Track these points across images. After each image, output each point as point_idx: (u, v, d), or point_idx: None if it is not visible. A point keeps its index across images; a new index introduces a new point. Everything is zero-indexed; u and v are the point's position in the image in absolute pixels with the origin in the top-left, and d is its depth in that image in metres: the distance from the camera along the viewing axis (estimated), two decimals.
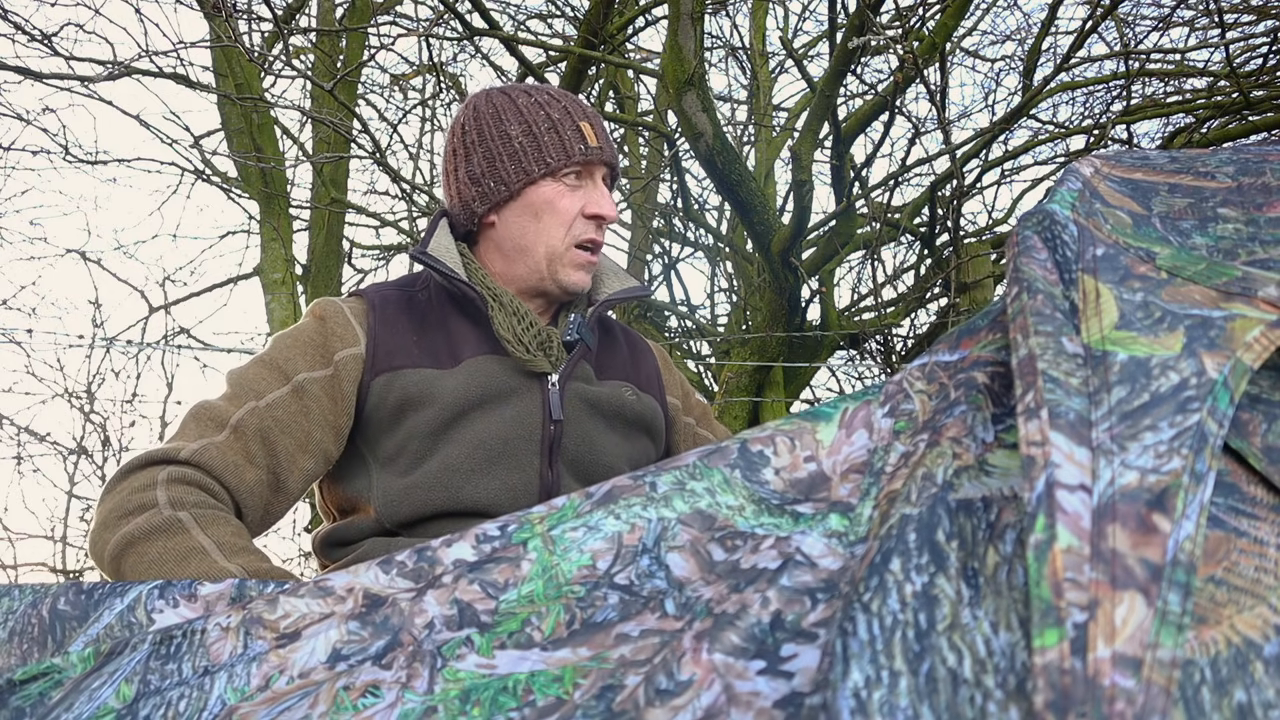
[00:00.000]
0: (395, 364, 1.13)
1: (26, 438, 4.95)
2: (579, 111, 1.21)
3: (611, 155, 1.21)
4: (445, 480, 1.08)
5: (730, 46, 5.46)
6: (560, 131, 1.18)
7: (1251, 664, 0.47)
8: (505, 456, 1.10)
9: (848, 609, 0.51)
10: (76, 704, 0.62)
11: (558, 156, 1.17)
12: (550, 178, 1.18)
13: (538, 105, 1.20)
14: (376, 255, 5.53)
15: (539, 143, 1.18)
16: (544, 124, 1.18)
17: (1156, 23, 4.05)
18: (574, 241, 1.19)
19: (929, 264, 4.41)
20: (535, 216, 1.19)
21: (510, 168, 1.18)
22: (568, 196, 1.18)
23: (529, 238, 1.19)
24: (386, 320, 1.17)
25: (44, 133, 6.13)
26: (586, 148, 1.18)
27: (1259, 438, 0.56)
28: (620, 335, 1.32)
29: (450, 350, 1.16)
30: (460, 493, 1.08)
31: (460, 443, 1.09)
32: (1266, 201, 0.70)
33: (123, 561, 0.96)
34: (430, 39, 3.89)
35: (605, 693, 0.56)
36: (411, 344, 1.16)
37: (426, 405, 1.11)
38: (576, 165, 1.18)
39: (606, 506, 0.68)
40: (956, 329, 0.69)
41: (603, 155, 1.19)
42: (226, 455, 1.04)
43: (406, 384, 1.12)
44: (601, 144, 1.20)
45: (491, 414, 1.11)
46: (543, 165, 1.17)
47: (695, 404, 1.37)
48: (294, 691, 0.61)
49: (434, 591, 0.65)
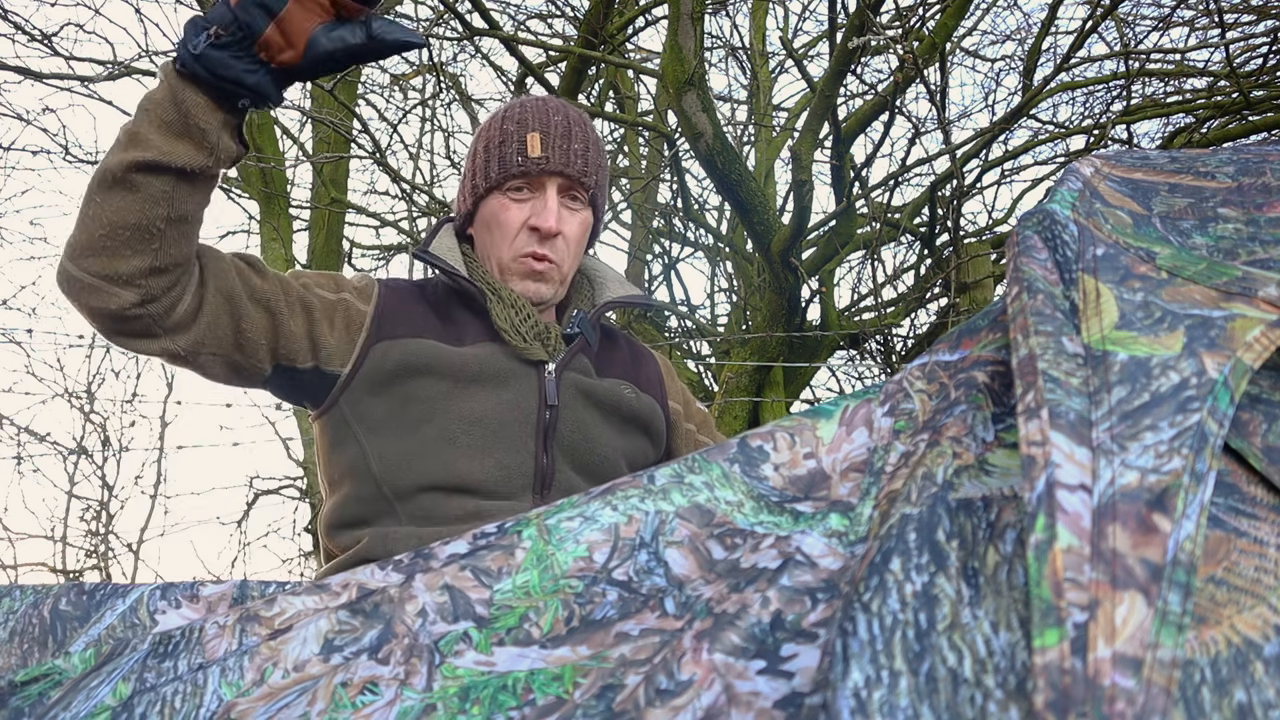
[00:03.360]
0: (399, 333, 1.15)
1: (26, 438, 4.95)
2: (536, 122, 1.19)
3: (563, 165, 1.18)
4: (441, 451, 1.09)
5: (730, 46, 5.46)
6: (507, 144, 1.19)
7: (1251, 664, 0.47)
8: (501, 437, 1.11)
9: (848, 609, 0.51)
10: (74, 703, 0.62)
11: (498, 170, 1.19)
12: (497, 191, 1.19)
13: (505, 118, 1.21)
14: (376, 255, 5.52)
15: (489, 156, 1.20)
16: (498, 137, 1.20)
17: (1156, 23, 4.05)
18: (516, 254, 1.19)
19: (929, 264, 4.41)
20: (488, 229, 1.21)
21: (471, 182, 1.22)
22: (512, 209, 1.19)
23: (486, 249, 1.22)
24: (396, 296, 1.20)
25: (44, 133, 6.14)
26: (524, 159, 1.17)
27: (1259, 438, 0.56)
28: (623, 342, 1.33)
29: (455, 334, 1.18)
30: (455, 465, 1.09)
31: (458, 418, 1.11)
32: (1267, 201, 0.70)
33: (90, 195, 0.97)
34: (430, 39, 3.89)
35: (605, 692, 0.56)
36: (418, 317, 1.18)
37: (428, 373, 1.12)
38: (514, 177, 1.18)
39: (604, 498, 0.68)
40: (957, 329, 0.69)
41: (546, 166, 1.17)
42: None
43: (408, 350, 1.13)
44: (548, 154, 1.17)
45: (489, 394, 1.13)
46: (486, 179, 1.20)
47: (696, 411, 1.38)
48: (291, 687, 0.61)
49: (423, 576, 0.65)
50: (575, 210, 1.21)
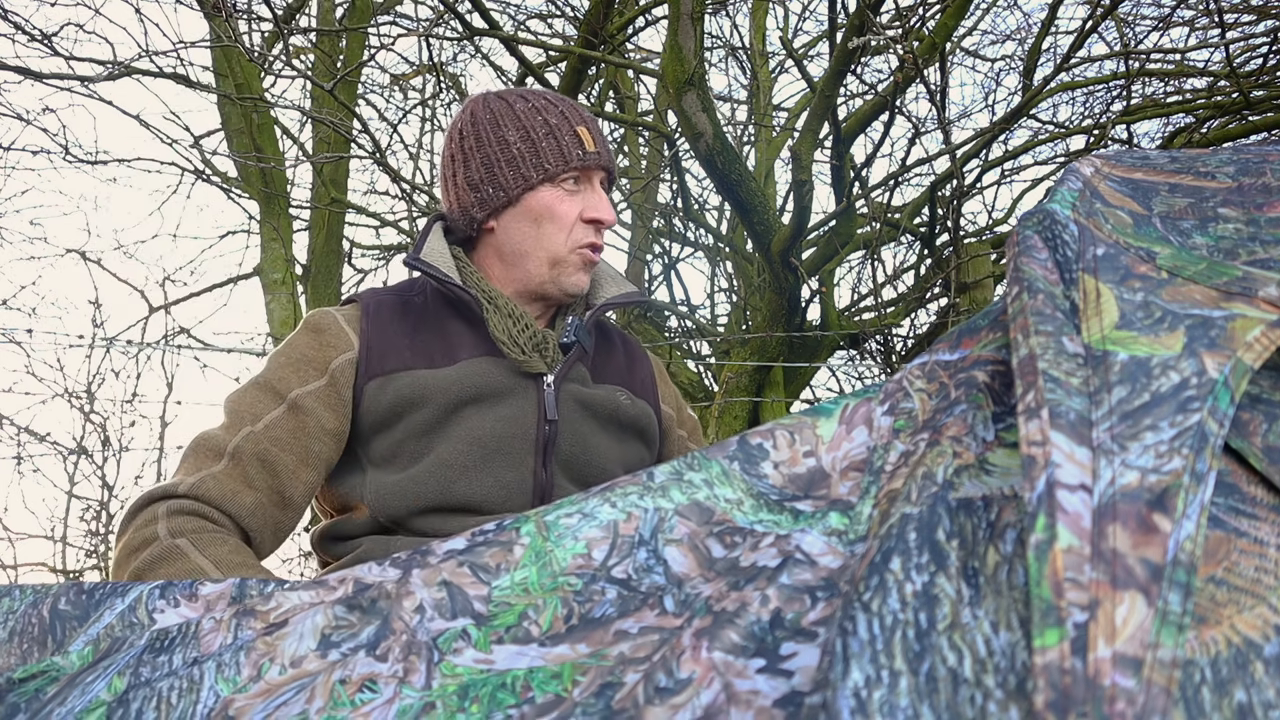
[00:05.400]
0: (388, 367, 1.14)
1: (26, 438, 4.96)
2: (576, 116, 1.21)
3: (608, 159, 1.21)
4: (439, 474, 1.09)
5: (730, 46, 5.46)
6: (558, 137, 1.18)
7: (1251, 664, 0.47)
8: (500, 454, 1.11)
9: (848, 608, 0.51)
10: (70, 698, 0.62)
11: (556, 162, 1.18)
12: (549, 183, 1.19)
13: (535, 110, 1.20)
14: (376, 255, 5.53)
15: (537, 149, 1.18)
16: (542, 129, 1.19)
17: (1156, 23, 4.05)
18: (574, 245, 1.19)
19: (929, 264, 4.41)
20: (535, 222, 1.20)
21: (509, 174, 1.19)
22: (566, 201, 1.19)
23: (529, 243, 1.20)
24: (380, 324, 1.18)
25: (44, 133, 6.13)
26: (584, 153, 1.19)
27: (1259, 438, 0.56)
28: (618, 341, 1.33)
29: (446, 351, 1.16)
30: (454, 487, 1.08)
31: (455, 439, 1.10)
32: (1267, 201, 0.70)
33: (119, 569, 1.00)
34: (430, 39, 3.89)
35: (604, 690, 0.56)
36: (404, 346, 1.16)
37: (421, 404, 1.11)
38: (574, 171, 1.19)
39: (603, 495, 0.67)
40: (957, 328, 0.69)
41: (600, 160, 1.20)
42: (224, 483, 1.06)
43: (400, 386, 1.12)
44: (599, 149, 1.20)
45: (486, 412, 1.12)
46: (541, 171, 1.18)
47: (688, 418, 1.38)
48: (289, 683, 0.61)
49: (420, 572, 0.65)
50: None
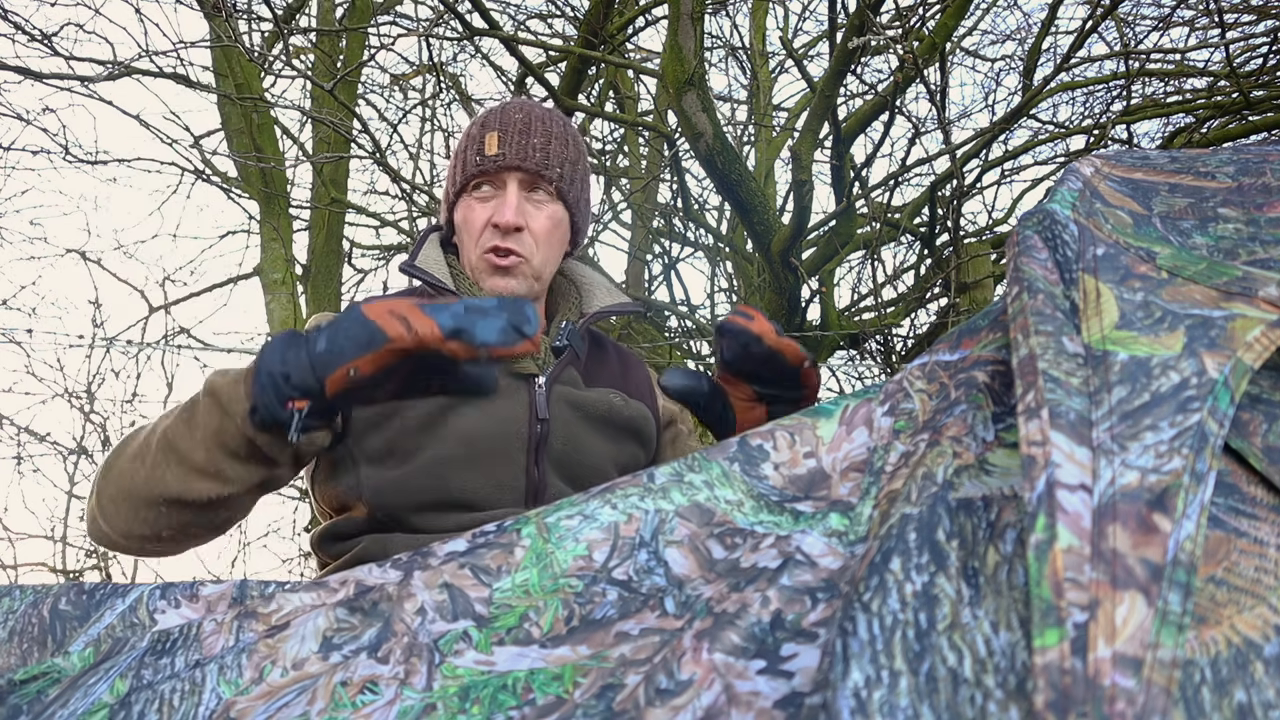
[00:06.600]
0: None
1: (26, 438, 4.95)
2: (495, 122, 1.21)
3: (518, 159, 1.19)
4: (434, 471, 1.10)
5: (730, 46, 5.46)
6: (468, 146, 1.21)
7: (1251, 664, 0.47)
8: (492, 453, 1.12)
9: (848, 609, 0.51)
10: (72, 700, 0.62)
11: (461, 173, 1.21)
12: (465, 193, 1.22)
13: (471, 124, 1.24)
14: (376, 255, 5.53)
15: (458, 160, 1.22)
16: (464, 141, 1.23)
17: (1156, 23, 4.05)
18: (480, 251, 1.20)
19: (929, 264, 4.41)
20: (460, 232, 1.24)
21: (448, 188, 1.26)
22: (476, 209, 1.21)
23: (463, 252, 1.24)
24: None
25: (44, 133, 6.12)
26: (482, 158, 1.19)
27: (1259, 438, 0.56)
28: (611, 350, 1.33)
29: None
30: (448, 483, 1.09)
31: (447, 437, 1.11)
32: (1267, 201, 0.70)
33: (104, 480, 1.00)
34: (430, 39, 3.89)
35: (605, 692, 0.56)
36: None
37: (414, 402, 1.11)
38: (479, 177, 1.20)
39: (603, 496, 0.68)
40: (957, 328, 0.69)
41: (504, 161, 1.18)
42: None
43: None
44: (503, 150, 1.19)
45: (478, 411, 1.13)
46: (454, 184, 1.23)
47: (688, 418, 1.38)
48: (290, 685, 0.61)
49: (421, 574, 0.65)
50: (541, 204, 1.21)
